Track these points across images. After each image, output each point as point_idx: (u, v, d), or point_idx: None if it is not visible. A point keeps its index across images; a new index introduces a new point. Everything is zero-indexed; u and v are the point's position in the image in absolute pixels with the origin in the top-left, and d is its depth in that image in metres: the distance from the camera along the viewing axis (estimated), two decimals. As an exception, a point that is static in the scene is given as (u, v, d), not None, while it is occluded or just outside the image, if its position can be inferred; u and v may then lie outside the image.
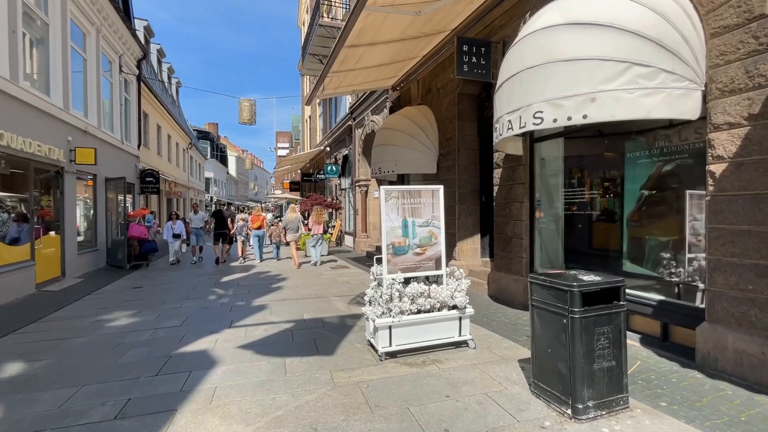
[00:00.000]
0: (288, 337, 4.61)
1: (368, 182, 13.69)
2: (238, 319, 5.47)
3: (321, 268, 10.18)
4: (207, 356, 4.04)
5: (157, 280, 8.93)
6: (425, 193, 4.16)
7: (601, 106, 3.49)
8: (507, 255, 6.03)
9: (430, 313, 3.90)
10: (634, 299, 4.26)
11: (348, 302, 6.37)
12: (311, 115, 25.34)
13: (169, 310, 6.06)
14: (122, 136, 13.21)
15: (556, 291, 2.71)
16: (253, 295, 7.07)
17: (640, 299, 4.31)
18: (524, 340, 4.26)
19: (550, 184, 5.82)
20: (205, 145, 41.52)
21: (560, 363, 2.70)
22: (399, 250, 4.04)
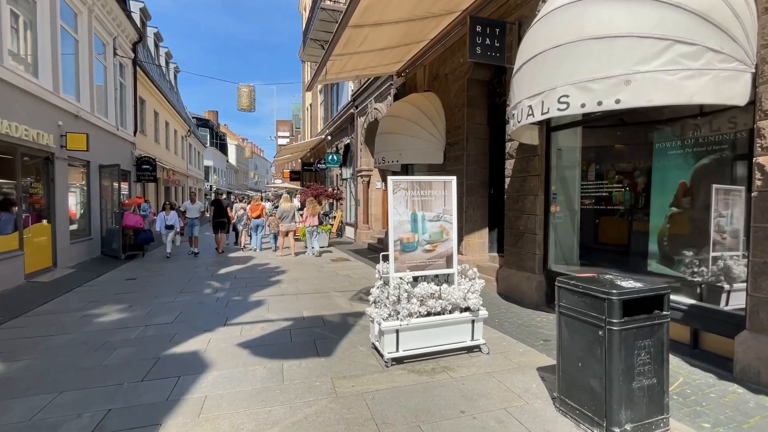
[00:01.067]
0: (286, 338, 4.31)
1: (370, 172, 13.32)
2: (234, 316, 5.17)
3: (321, 261, 9.87)
4: (198, 359, 3.73)
5: (152, 272, 8.63)
6: (436, 184, 3.81)
7: (637, 90, 3.12)
8: (518, 251, 5.70)
9: (440, 316, 3.58)
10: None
11: (350, 298, 6.06)
12: (312, 103, 24.83)
13: (162, 305, 5.75)
14: (117, 121, 12.80)
15: (591, 298, 2.37)
16: (251, 289, 6.76)
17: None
18: (540, 345, 3.95)
19: (566, 177, 5.47)
20: (204, 133, 41.00)
21: (593, 379, 2.38)
22: (407, 246, 3.70)
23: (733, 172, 3.98)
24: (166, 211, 10.89)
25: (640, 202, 4.72)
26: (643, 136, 4.97)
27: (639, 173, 4.77)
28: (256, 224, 11.95)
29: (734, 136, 3.81)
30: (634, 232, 4.89)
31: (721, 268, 4.19)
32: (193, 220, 11.29)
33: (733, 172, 3.99)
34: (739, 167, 3.85)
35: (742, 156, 3.70)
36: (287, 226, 10.66)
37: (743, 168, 3.74)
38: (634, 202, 4.77)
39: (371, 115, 12.11)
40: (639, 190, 4.72)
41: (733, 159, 3.95)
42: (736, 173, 3.93)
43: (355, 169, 13.97)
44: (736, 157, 3.88)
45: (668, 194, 4.51)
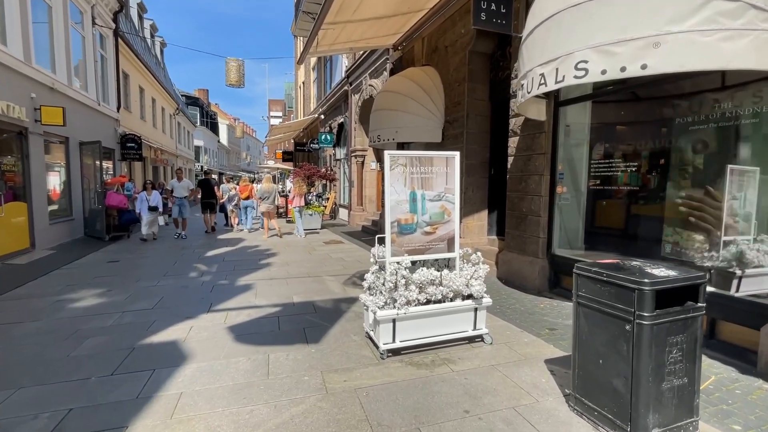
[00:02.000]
0: (274, 325, 4.01)
1: (365, 152, 12.89)
2: (219, 301, 4.85)
3: (313, 243, 9.55)
4: (177, 349, 3.42)
5: (136, 254, 8.26)
6: (438, 160, 3.46)
7: (668, 53, 2.77)
8: (521, 234, 5.41)
9: (441, 304, 3.29)
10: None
11: (343, 282, 5.77)
12: (305, 80, 24.05)
13: (143, 289, 5.42)
14: (98, 96, 12.16)
15: (617, 288, 2.08)
16: (239, 272, 6.44)
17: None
18: (546, 334, 3.69)
19: (573, 156, 5.14)
20: (194, 112, 39.89)
21: (616, 379, 2.11)
22: (405, 228, 3.38)
23: (755, 151, 3.70)
24: (148, 191, 9.88)
25: (651, 183, 4.43)
26: (657, 112, 4.64)
27: (651, 152, 4.45)
28: (245, 205, 11.69)
29: (759, 112, 3.50)
30: (643, 214, 4.62)
31: (733, 253, 3.96)
32: (182, 200, 10.38)
33: (754, 151, 3.71)
34: (761, 146, 3.56)
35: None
36: (267, 206, 10.43)
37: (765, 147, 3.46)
38: (644, 183, 4.47)
39: (366, 92, 11.61)
40: (650, 171, 4.42)
41: (756, 137, 3.65)
42: (757, 153, 3.64)
43: (349, 149, 13.52)
44: (760, 135, 3.58)
45: (682, 175, 4.22)
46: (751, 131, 3.59)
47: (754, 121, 3.50)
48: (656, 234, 4.43)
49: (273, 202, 10.52)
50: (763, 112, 3.40)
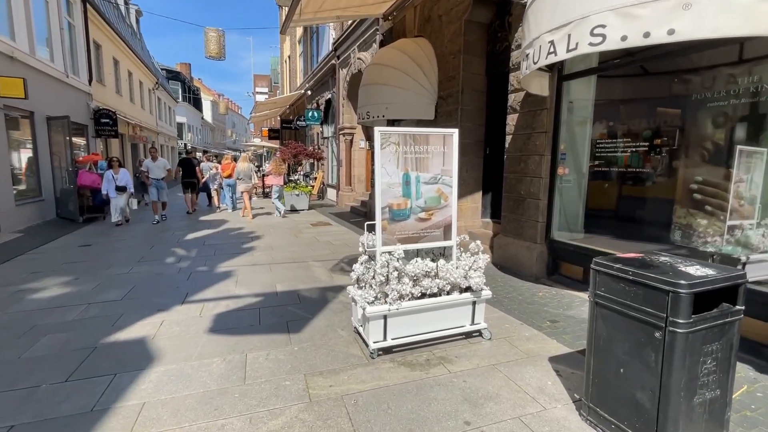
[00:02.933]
0: (254, 319, 3.68)
1: (353, 130, 12.40)
2: (196, 290, 4.50)
3: (300, 225, 9.18)
4: (144, 348, 3.08)
5: (111, 237, 7.79)
6: (434, 138, 3.09)
7: (699, 17, 2.42)
8: (518, 218, 5.13)
9: (437, 298, 3.00)
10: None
11: (330, 269, 5.45)
12: (290, 54, 23.07)
13: (114, 277, 5.02)
14: (66, 67, 11.33)
15: (646, 289, 1.79)
16: (219, 257, 6.06)
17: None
18: (548, 327, 3.45)
19: (575, 135, 4.81)
20: (175, 87, 38.35)
21: (641, 391, 1.84)
22: (398, 214, 3.04)
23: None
24: (114, 169, 8.70)
25: (659, 165, 4.14)
26: (667, 88, 4.32)
27: (658, 132, 4.15)
28: (227, 183, 11.22)
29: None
30: (650, 198, 4.36)
31: (738, 238, 3.76)
32: (159, 181, 9.42)
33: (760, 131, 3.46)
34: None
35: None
36: (244, 186, 10.22)
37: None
38: (651, 164, 4.19)
39: (354, 66, 11.02)
40: (657, 151, 4.13)
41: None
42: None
43: (337, 127, 12.99)
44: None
45: (693, 156, 3.94)
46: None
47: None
48: (663, 218, 4.19)
49: (250, 181, 10.38)
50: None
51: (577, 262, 4.58)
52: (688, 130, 3.94)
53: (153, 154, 9.90)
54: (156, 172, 9.43)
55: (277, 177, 10.74)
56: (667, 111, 4.23)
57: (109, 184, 8.64)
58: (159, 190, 9.46)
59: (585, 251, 4.42)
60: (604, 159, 4.71)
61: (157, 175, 9.42)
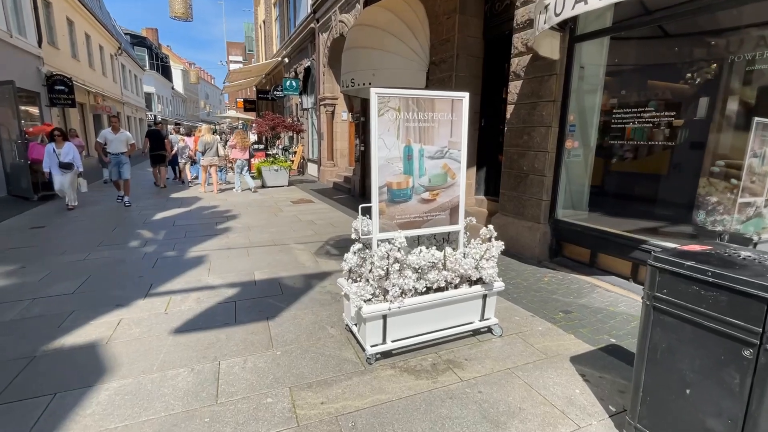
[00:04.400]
0: (229, 315, 3.20)
1: (335, 101, 11.65)
2: (162, 280, 3.96)
3: (280, 203, 8.59)
4: (94, 357, 2.57)
5: (68, 217, 7.04)
6: (441, 103, 2.59)
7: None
8: (519, 195, 4.73)
9: (444, 293, 2.57)
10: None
11: (314, 252, 4.97)
12: (266, 19, 21.59)
13: (67, 265, 4.41)
14: (8, 26, 10.05)
15: (734, 295, 1.39)
16: (191, 240, 5.48)
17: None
18: (561, 319, 3.10)
19: (585, 104, 4.38)
20: (141, 54, 35.88)
21: (713, 419, 1.48)
22: (398, 195, 2.56)
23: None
24: (57, 143, 7.32)
25: (677, 138, 3.77)
26: (687, 52, 3.90)
27: (676, 101, 3.76)
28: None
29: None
30: (656, 174, 4.03)
31: (750, 217, 3.50)
32: (119, 156, 8.06)
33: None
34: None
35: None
36: (209, 159, 9.82)
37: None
38: (663, 137, 3.81)
39: (336, 30, 10.18)
40: (674, 123, 3.75)
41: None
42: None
43: (318, 97, 12.19)
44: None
45: (715, 128, 3.58)
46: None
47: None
48: (672, 196, 3.88)
49: (215, 155, 9.90)
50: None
51: (584, 244, 4.25)
52: (707, 100, 3.56)
53: (113, 123, 8.36)
54: (116, 146, 8.07)
55: (242, 150, 10.19)
56: (685, 78, 3.82)
57: (50, 159, 7.24)
58: (120, 167, 8.09)
59: (594, 233, 4.08)
60: (613, 131, 4.32)
61: (117, 149, 8.06)
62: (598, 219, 4.36)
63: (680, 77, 3.74)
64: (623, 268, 3.91)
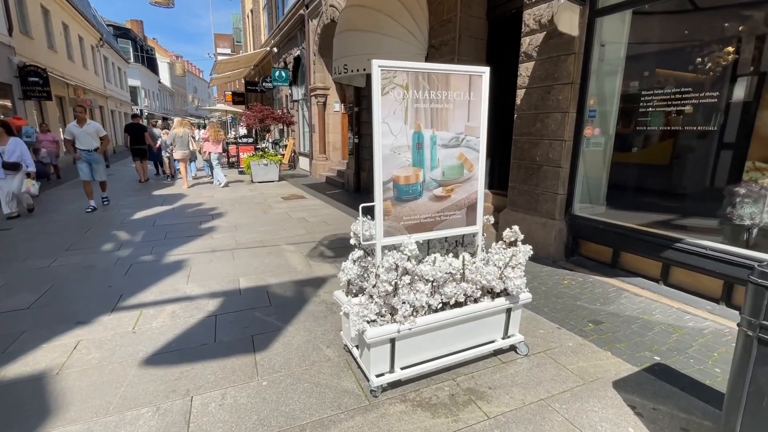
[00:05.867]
0: (208, 332, 2.75)
1: (326, 91, 11.12)
2: (134, 290, 3.49)
3: (270, 199, 8.10)
4: (39, 393, 2.11)
5: (40, 217, 6.51)
6: (457, 80, 2.14)
7: None
8: (531, 189, 4.32)
9: (463, 308, 2.15)
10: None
11: (307, 254, 4.51)
12: (253, 8, 20.87)
13: (28, 274, 3.92)
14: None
15: None
16: (171, 242, 5.00)
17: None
18: (592, 331, 2.70)
19: (604, 87, 3.96)
20: (125, 46, 34.80)
21: None
22: (406, 191, 2.12)
23: None
24: (1, 138, 6.06)
25: (708, 122, 3.36)
26: (719, 27, 3.48)
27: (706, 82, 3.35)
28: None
29: None
30: (681, 164, 3.64)
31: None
32: (91, 153, 6.76)
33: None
34: None
35: None
36: (181, 153, 9.55)
37: None
38: (694, 122, 3.41)
39: (327, 15, 9.63)
40: (703, 106, 3.35)
41: None
42: None
43: (308, 88, 11.64)
44: None
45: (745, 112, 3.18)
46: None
47: None
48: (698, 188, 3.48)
49: (186, 147, 9.59)
50: None
51: (605, 242, 3.86)
52: (749, 81, 3.15)
53: (79, 114, 6.83)
54: (85, 141, 6.71)
55: (215, 144, 9.93)
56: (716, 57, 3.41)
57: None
58: (93, 165, 6.85)
59: (618, 229, 3.68)
60: (635, 116, 3.92)
61: (86, 144, 6.72)
62: (617, 214, 3.97)
63: (708, 56, 3.33)
64: (650, 268, 3.53)
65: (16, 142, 6.23)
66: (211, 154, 9.92)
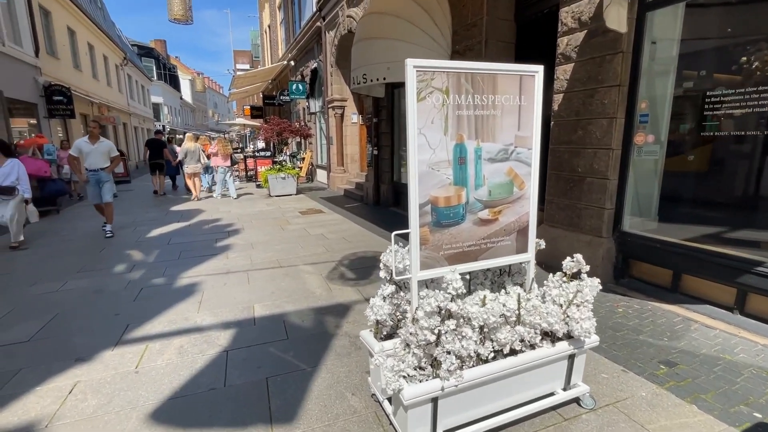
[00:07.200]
0: (218, 374, 2.43)
1: (344, 102, 10.93)
2: (141, 318, 3.22)
3: (287, 214, 7.86)
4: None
5: (57, 236, 6.41)
6: (506, 81, 1.80)
7: None
8: (573, 203, 3.90)
9: (519, 357, 1.77)
10: None
11: (326, 275, 4.19)
12: (271, 23, 21.11)
13: (35, 299, 3.71)
14: (2, 34, 9.57)
15: None
16: (184, 262, 4.76)
17: None
18: (665, 376, 2.26)
19: (655, 89, 3.54)
20: (149, 65, 35.88)
21: None
22: (446, 215, 1.77)
23: None
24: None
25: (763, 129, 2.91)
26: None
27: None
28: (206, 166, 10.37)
29: None
30: (754, 172, 3.16)
31: None
32: (98, 173, 6.03)
33: None
34: None
35: None
36: (192, 167, 9.86)
37: None
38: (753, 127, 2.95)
39: (344, 26, 9.48)
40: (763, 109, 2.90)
41: None
42: None
43: (326, 100, 11.49)
44: None
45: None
46: None
47: None
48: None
49: (198, 162, 9.92)
50: None
51: (663, 263, 3.40)
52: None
53: (93, 130, 6.12)
54: (94, 160, 6.00)
55: (223, 158, 10.12)
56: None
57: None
58: (100, 185, 6.08)
59: (681, 249, 3.23)
60: (690, 121, 3.50)
61: (94, 164, 6.00)
62: (671, 230, 3.52)
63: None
64: (721, 294, 3.06)
65: (12, 164, 5.49)
66: (219, 168, 10.11)
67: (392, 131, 8.42)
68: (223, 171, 10.09)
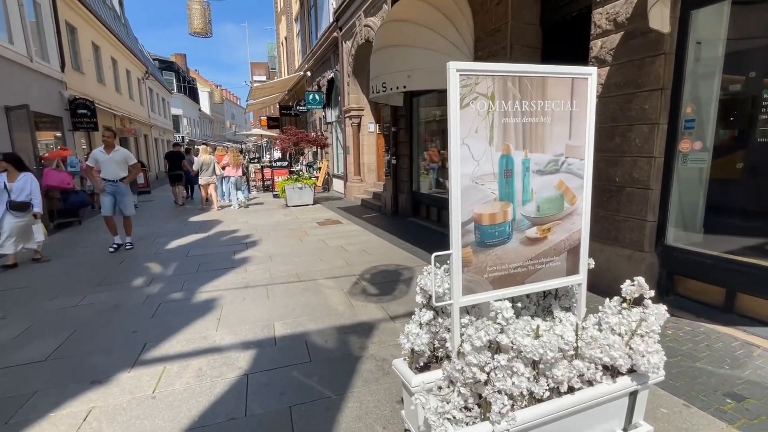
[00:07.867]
0: (238, 400, 2.28)
1: (361, 111, 10.87)
2: (159, 337, 3.11)
3: (305, 225, 7.75)
4: (32, 491, 1.69)
5: (78, 248, 6.44)
6: (557, 85, 1.62)
7: None
8: (611, 215, 3.66)
9: (576, 395, 1.56)
10: None
11: (348, 291, 4.03)
12: (287, 35, 21.36)
13: (54, 315, 3.65)
14: (30, 50, 9.84)
15: None
16: (203, 276, 4.66)
17: None
18: (734, 412, 2.01)
19: (699, 93, 3.31)
20: (169, 78, 36.80)
21: None
22: (490, 234, 1.59)
23: None
24: (9, 173, 5.18)
25: None
26: None
27: None
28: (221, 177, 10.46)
29: None
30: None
31: None
32: (117, 184, 5.84)
33: None
34: None
35: None
36: (207, 179, 10.00)
37: None
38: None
39: (361, 36, 9.44)
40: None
41: None
42: None
43: (342, 109, 11.45)
44: None
45: None
46: None
47: None
48: None
49: (212, 173, 10.06)
50: None
51: (714, 281, 3.13)
52: None
53: (107, 140, 5.91)
54: (110, 170, 5.80)
55: (235, 168, 10.41)
56: None
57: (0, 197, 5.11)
58: (117, 198, 5.90)
59: (735, 265, 2.96)
60: (738, 126, 3.27)
61: (111, 174, 5.80)
62: (720, 243, 3.25)
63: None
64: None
65: (26, 178, 5.28)
66: (231, 177, 10.33)
67: (411, 140, 8.28)
68: (235, 180, 10.34)
